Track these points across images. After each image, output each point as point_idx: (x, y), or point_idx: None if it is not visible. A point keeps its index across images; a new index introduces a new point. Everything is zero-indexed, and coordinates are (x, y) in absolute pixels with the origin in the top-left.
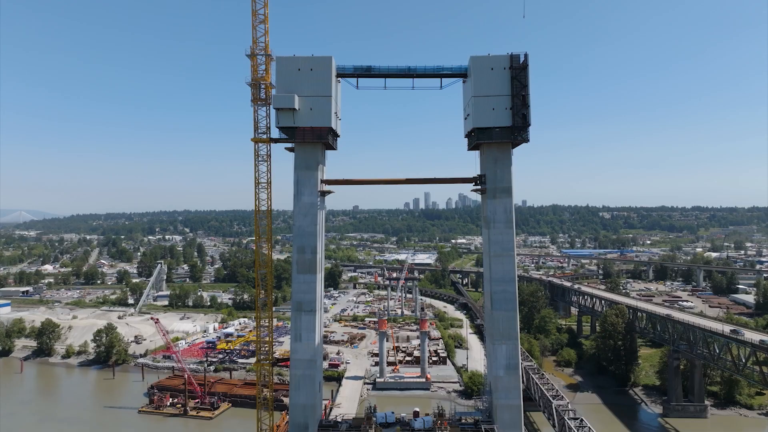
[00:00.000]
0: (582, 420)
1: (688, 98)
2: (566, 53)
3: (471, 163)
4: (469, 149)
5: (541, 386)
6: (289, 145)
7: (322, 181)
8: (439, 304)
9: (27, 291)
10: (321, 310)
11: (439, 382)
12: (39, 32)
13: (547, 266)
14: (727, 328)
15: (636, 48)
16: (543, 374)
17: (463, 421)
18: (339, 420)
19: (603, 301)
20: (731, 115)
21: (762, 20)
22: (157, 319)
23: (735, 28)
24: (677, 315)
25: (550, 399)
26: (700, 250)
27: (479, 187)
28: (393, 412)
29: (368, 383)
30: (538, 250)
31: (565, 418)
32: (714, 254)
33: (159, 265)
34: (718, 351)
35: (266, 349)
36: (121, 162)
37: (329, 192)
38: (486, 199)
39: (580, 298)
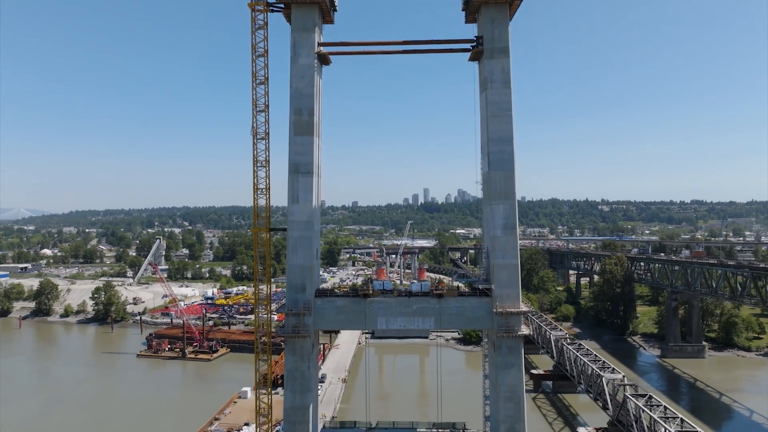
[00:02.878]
0: (580, 344)
1: (686, 94)
2: (563, 49)
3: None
4: (466, 22)
5: (540, 323)
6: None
7: (319, 44)
8: (438, 277)
9: (25, 267)
10: (318, 174)
11: (438, 331)
12: (36, 19)
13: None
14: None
15: (633, 40)
16: (542, 316)
17: (461, 288)
18: (336, 289)
19: (602, 259)
20: (729, 111)
21: (760, 10)
22: (155, 266)
23: (731, 18)
24: (674, 258)
25: (548, 331)
26: (699, 237)
27: (476, 48)
28: (391, 281)
29: (366, 333)
30: (537, 238)
31: (564, 344)
32: (713, 239)
33: (158, 240)
34: (715, 285)
35: (263, 215)
36: (120, 158)
37: (327, 61)
38: (483, 60)
39: (579, 260)
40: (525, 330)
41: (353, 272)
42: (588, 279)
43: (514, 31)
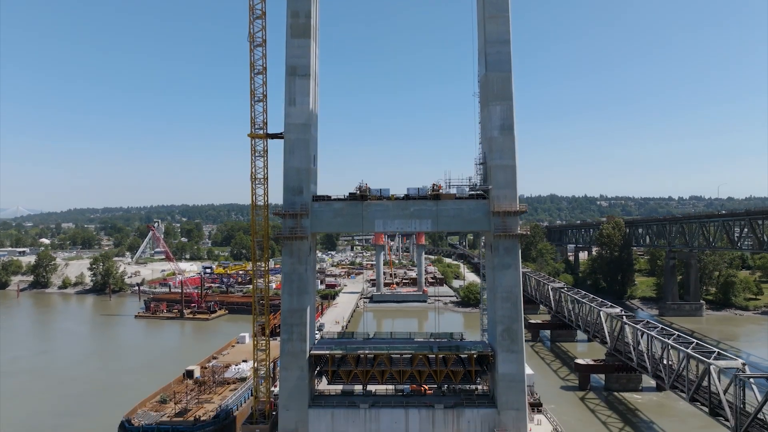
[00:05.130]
0: (578, 290)
1: (686, 93)
2: (560, 45)
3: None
4: None
5: (539, 278)
6: None
7: None
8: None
9: (24, 251)
10: (316, 80)
11: (436, 295)
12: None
13: None
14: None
15: (632, 40)
16: (540, 273)
17: (458, 195)
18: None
19: (601, 225)
20: (729, 109)
21: (760, 8)
22: (154, 228)
23: (730, 17)
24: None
25: (547, 284)
26: None
27: None
28: (389, 189)
29: (365, 298)
30: None
31: (562, 292)
32: None
33: (157, 223)
34: (712, 240)
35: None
36: (118, 157)
37: None
38: None
39: (578, 234)
40: (521, 230)
41: (351, 255)
42: (586, 254)
43: (513, 29)
